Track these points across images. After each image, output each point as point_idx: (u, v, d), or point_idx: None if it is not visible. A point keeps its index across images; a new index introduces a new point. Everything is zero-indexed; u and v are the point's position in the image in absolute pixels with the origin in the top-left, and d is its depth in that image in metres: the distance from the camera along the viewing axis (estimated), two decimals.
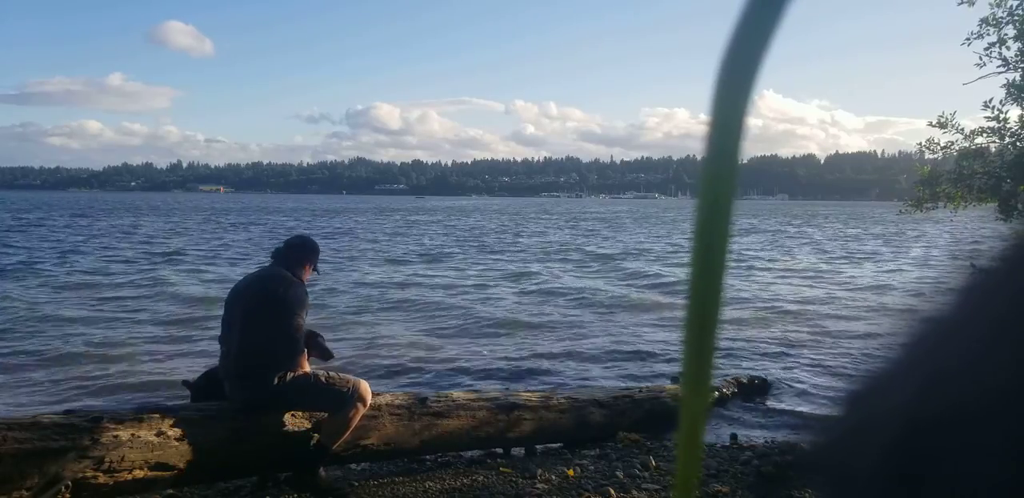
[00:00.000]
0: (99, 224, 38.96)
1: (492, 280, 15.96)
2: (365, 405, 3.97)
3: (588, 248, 26.13)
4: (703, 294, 0.23)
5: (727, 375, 6.92)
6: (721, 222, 0.23)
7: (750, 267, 19.14)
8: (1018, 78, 6.49)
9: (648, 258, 22.32)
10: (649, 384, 6.27)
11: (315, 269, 4.26)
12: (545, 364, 8.12)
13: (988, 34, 6.54)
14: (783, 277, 17.18)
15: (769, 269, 18.97)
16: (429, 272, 17.40)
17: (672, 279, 15.91)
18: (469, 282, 15.51)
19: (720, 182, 0.23)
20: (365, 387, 4.00)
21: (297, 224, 44.73)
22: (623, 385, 6.38)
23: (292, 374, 3.86)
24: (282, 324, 3.86)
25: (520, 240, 31.02)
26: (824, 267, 19.91)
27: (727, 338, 9.23)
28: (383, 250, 24.16)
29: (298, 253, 4.16)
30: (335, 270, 16.32)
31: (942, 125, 6.86)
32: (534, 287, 14.93)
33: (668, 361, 8.27)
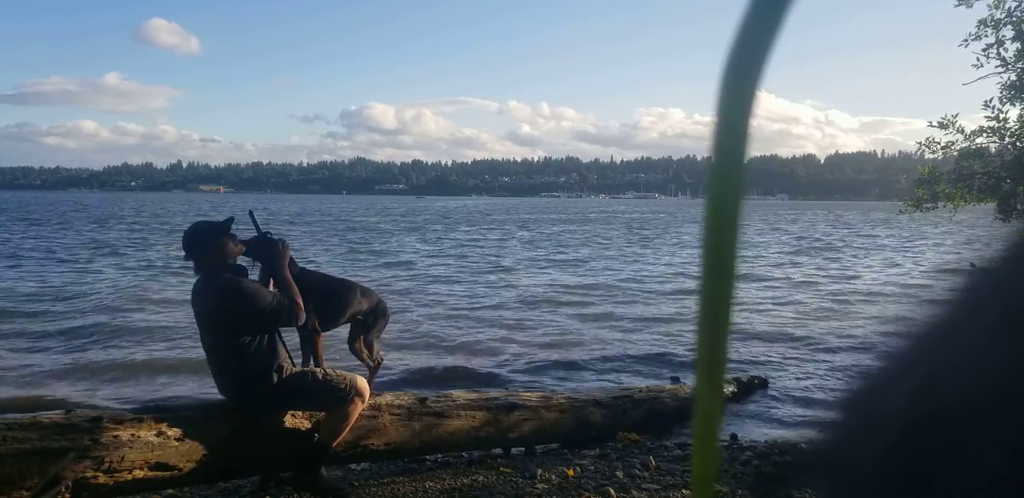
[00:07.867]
0: None
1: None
2: (363, 401, 3.96)
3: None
4: (714, 294, 0.24)
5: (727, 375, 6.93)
6: (730, 222, 0.23)
7: (752, 268, 19.14)
8: (1014, 78, 6.50)
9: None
10: (649, 384, 6.27)
11: (233, 241, 3.81)
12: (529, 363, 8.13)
13: (986, 35, 6.55)
14: (784, 277, 17.17)
15: (771, 270, 18.97)
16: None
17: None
18: None
19: (728, 182, 0.23)
20: (362, 382, 3.97)
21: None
22: (623, 385, 6.38)
23: (287, 373, 3.83)
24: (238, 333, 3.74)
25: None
26: (825, 268, 19.92)
27: None
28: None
29: (197, 247, 3.77)
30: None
31: (943, 126, 6.87)
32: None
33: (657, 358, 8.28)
